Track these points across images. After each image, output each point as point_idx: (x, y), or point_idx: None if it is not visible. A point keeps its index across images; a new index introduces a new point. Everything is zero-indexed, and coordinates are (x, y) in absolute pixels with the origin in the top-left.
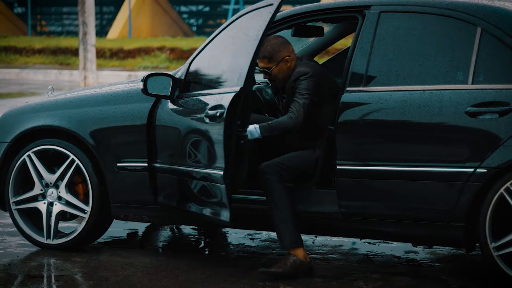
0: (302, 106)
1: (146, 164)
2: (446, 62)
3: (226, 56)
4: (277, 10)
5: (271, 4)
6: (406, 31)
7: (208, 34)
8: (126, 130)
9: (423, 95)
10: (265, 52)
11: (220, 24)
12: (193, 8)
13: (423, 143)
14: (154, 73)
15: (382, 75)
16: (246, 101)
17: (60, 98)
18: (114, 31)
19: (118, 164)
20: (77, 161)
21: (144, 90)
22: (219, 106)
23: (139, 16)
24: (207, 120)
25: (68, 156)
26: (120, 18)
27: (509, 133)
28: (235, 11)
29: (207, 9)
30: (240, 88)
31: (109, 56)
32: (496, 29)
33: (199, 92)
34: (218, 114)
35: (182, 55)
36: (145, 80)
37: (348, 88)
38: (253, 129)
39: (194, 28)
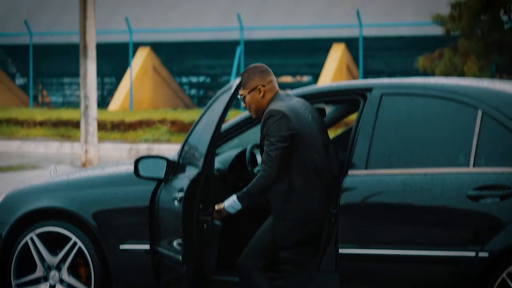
0: (274, 159)
1: (148, 247)
2: (447, 145)
3: (198, 138)
4: (235, 92)
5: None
6: (408, 113)
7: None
8: (128, 212)
9: (424, 178)
10: (242, 79)
11: (211, 96)
12: (194, 79)
13: (425, 227)
14: (146, 156)
15: (384, 158)
16: (208, 184)
17: (62, 179)
18: (116, 103)
19: (121, 247)
20: (79, 243)
21: (136, 172)
22: (181, 190)
23: (141, 88)
24: (175, 203)
25: (70, 238)
26: (121, 89)
27: (511, 217)
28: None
29: (208, 80)
30: (198, 172)
31: (110, 128)
32: (496, 112)
33: (183, 174)
34: (178, 198)
35: (183, 127)
36: (135, 163)
37: (350, 172)
38: (232, 202)
39: (195, 100)
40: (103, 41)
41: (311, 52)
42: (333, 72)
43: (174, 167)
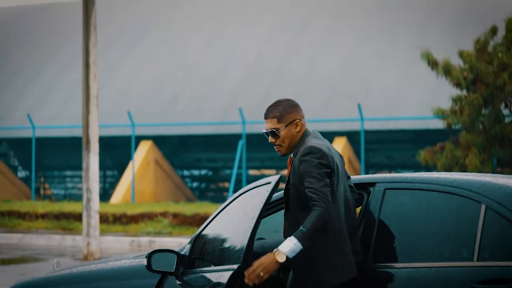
0: (326, 194)
1: None
2: (451, 238)
3: (227, 234)
4: (275, 188)
5: (269, 183)
6: (411, 207)
7: (211, 199)
8: None
9: (429, 272)
10: (275, 112)
11: (223, 188)
12: (196, 172)
13: None
14: (158, 250)
15: (388, 252)
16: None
17: (66, 273)
18: (117, 196)
19: None
20: None
21: (148, 266)
22: (218, 284)
23: (143, 181)
24: None
25: None
26: (123, 182)
27: None
28: (238, 175)
29: (209, 173)
30: (238, 266)
31: (112, 221)
32: (500, 206)
33: (202, 269)
34: None
35: (185, 220)
36: (149, 256)
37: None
38: (292, 245)
39: (197, 193)
40: (105, 135)
41: None
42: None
43: (184, 261)
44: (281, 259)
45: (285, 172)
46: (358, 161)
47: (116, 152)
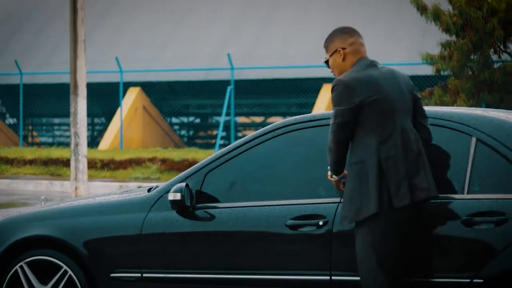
0: (332, 133)
1: (139, 275)
2: (442, 172)
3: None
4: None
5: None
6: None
7: (199, 145)
8: (120, 240)
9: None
10: (325, 42)
11: (211, 135)
12: (184, 119)
13: (419, 253)
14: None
15: None
16: None
17: (53, 208)
18: (106, 142)
19: (112, 275)
20: (70, 272)
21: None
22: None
23: (131, 127)
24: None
25: (61, 267)
26: (111, 129)
27: (506, 243)
28: (227, 122)
29: (198, 120)
30: None
31: (100, 167)
32: (491, 139)
33: (218, 204)
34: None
35: (173, 166)
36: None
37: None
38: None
39: (185, 139)
40: (93, 81)
41: (301, 92)
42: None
43: (196, 195)
44: (331, 177)
45: (273, 119)
46: None
47: (104, 99)
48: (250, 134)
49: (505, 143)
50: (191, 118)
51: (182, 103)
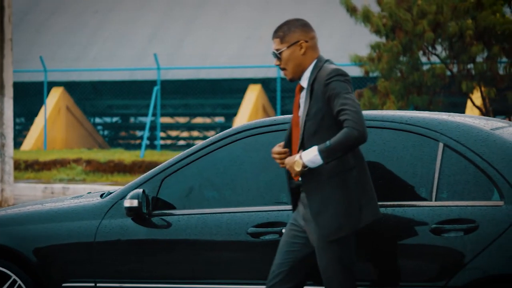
0: (360, 115)
1: (93, 284)
2: (408, 178)
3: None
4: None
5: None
6: (366, 146)
7: (122, 146)
8: (72, 248)
9: (385, 212)
10: (279, 32)
11: (134, 136)
12: (108, 119)
13: (386, 262)
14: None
15: None
16: None
17: (0, 214)
18: (29, 142)
19: (64, 285)
20: (19, 281)
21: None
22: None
23: (54, 128)
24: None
25: (9, 276)
26: (34, 129)
27: (475, 251)
28: (152, 122)
29: (122, 120)
30: None
31: (24, 168)
32: (458, 145)
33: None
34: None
35: (98, 167)
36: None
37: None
38: (312, 156)
39: (107, 140)
40: (15, 81)
41: (227, 93)
42: (249, 113)
43: (153, 202)
44: (298, 167)
45: (198, 120)
46: (272, 108)
47: (25, 99)
48: (209, 137)
49: (473, 149)
50: (115, 119)
51: (107, 103)
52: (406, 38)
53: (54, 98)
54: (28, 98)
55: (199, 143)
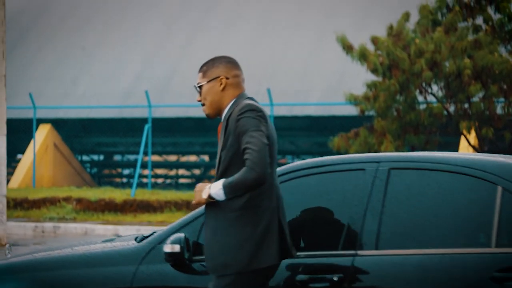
0: (263, 156)
1: None
2: (465, 223)
3: None
4: None
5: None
6: (419, 189)
7: (110, 184)
8: None
9: (443, 259)
10: (204, 65)
11: (120, 174)
12: (96, 157)
13: None
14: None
15: (394, 238)
16: None
17: (28, 259)
18: (16, 180)
19: None
20: None
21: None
22: None
23: (41, 165)
24: None
25: None
26: (21, 166)
27: None
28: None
29: (111, 158)
30: None
31: (13, 206)
32: None
33: None
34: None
35: (89, 205)
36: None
37: (359, 252)
38: (217, 188)
39: (96, 178)
40: None
41: (215, 131)
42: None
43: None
44: (205, 195)
45: (186, 158)
46: None
47: (9, 136)
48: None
49: None
50: (103, 156)
51: (95, 141)
52: (403, 76)
53: (42, 135)
54: (13, 135)
55: None
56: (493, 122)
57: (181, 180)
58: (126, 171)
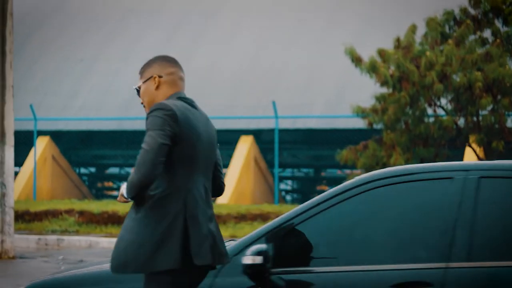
0: (151, 157)
1: None
2: None
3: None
4: None
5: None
6: (488, 198)
7: (108, 197)
8: None
9: None
10: (142, 67)
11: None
12: (94, 169)
13: None
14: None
15: (488, 250)
16: None
17: (104, 270)
18: (16, 192)
19: None
20: None
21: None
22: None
23: (39, 178)
24: None
25: None
26: (20, 178)
27: None
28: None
29: (112, 170)
30: None
31: (15, 218)
32: None
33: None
34: None
35: (92, 218)
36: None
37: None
38: (124, 188)
39: (94, 191)
40: None
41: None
42: (241, 165)
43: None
44: (121, 193)
45: None
46: (263, 160)
47: None
48: (332, 189)
49: None
50: (104, 169)
51: (94, 153)
52: (413, 89)
53: (40, 147)
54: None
55: (321, 195)
56: (503, 135)
57: None
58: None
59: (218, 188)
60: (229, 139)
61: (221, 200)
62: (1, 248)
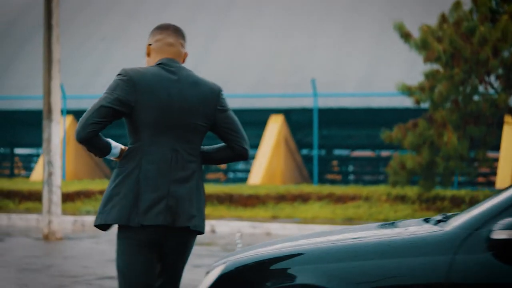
0: (84, 114)
1: None
2: None
3: None
4: None
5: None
6: None
7: None
8: None
9: None
10: None
11: None
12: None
13: None
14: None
15: None
16: None
17: (304, 248)
18: (38, 173)
19: None
20: None
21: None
22: None
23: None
24: None
25: None
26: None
27: None
28: None
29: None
30: None
31: None
32: None
33: None
34: None
35: None
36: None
37: None
38: None
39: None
40: (22, 108)
41: (247, 124)
42: (272, 144)
43: None
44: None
45: None
46: (293, 140)
47: (27, 128)
48: None
49: None
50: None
51: (115, 133)
52: (466, 65)
53: (65, 126)
54: (37, 127)
55: None
56: None
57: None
58: None
59: (237, 151)
60: (258, 119)
61: (253, 180)
62: (49, 229)
